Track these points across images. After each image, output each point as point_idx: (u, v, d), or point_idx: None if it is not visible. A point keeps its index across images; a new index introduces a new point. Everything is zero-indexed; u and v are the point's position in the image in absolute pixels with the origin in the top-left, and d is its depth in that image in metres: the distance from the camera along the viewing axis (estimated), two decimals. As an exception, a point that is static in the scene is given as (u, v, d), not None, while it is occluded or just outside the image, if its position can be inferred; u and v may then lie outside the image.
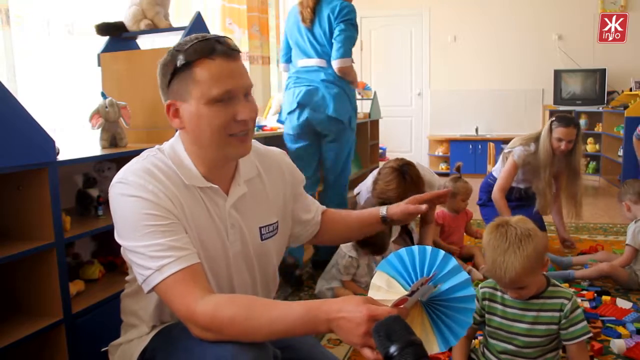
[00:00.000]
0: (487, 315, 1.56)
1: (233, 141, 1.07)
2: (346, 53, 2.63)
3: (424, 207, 1.30)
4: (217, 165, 1.12)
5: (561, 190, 3.13)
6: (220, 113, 1.04)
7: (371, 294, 0.96)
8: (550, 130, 2.92)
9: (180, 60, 1.04)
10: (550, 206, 3.09)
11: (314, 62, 2.71)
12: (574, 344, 1.46)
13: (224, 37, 1.08)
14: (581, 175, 3.06)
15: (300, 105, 2.69)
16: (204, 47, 1.03)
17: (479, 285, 1.61)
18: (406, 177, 2.35)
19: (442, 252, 0.97)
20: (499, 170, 3.20)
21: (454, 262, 0.97)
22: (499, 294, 1.54)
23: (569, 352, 1.49)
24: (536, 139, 3.02)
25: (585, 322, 1.45)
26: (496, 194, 3.08)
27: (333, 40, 2.64)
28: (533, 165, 3.00)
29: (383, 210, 1.35)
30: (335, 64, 2.64)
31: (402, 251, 0.98)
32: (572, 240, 3.19)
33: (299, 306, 0.93)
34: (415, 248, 0.97)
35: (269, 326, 0.94)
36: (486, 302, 1.56)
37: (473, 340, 1.75)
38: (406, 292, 0.91)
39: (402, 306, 0.90)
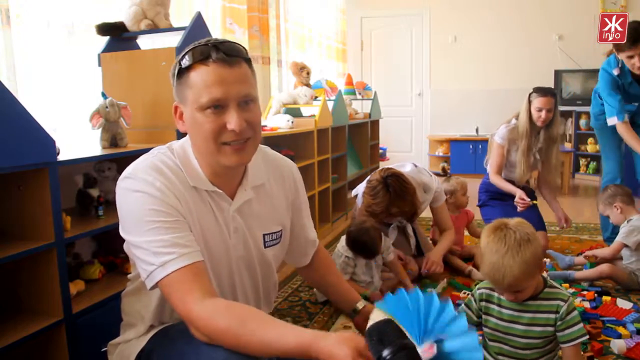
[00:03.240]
0: (483, 316, 1.56)
1: (226, 150, 1.06)
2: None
3: None
4: (219, 170, 1.12)
5: (544, 161, 3.16)
6: (211, 120, 1.03)
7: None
8: (529, 102, 3.02)
9: (181, 63, 1.05)
10: (526, 175, 3.12)
11: None
12: (570, 346, 1.45)
13: (228, 42, 1.06)
14: (559, 142, 3.12)
15: None
16: (201, 52, 1.03)
17: (477, 286, 1.60)
18: (390, 190, 2.36)
19: (450, 307, 0.88)
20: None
21: (464, 321, 0.87)
22: (495, 294, 1.53)
23: (564, 354, 1.48)
24: (517, 116, 3.12)
25: (581, 325, 1.45)
26: (492, 176, 3.16)
27: None
28: (516, 140, 3.09)
29: (360, 304, 1.36)
30: None
31: (405, 296, 0.91)
32: (568, 218, 3.20)
33: (292, 337, 0.91)
34: (421, 296, 0.89)
35: (261, 347, 0.94)
36: (483, 303, 1.55)
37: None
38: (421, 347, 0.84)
39: None
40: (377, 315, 0.93)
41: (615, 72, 2.99)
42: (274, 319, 0.99)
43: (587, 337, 1.44)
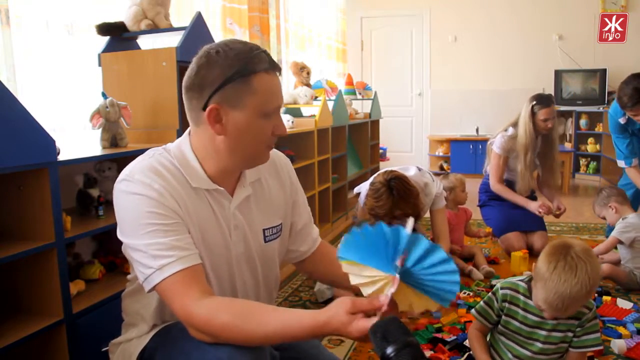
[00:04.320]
0: (504, 317, 1.52)
1: (265, 152, 1.13)
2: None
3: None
4: (231, 170, 1.13)
5: (544, 165, 3.22)
6: (268, 126, 1.08)
7: (354, 280, 0.93)
8: (533, 113, 3.05)
9: (242, 67, 1.02)
10: (528, 188, 3.20)
11: None
12: (578, 352, 1.45)
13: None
14: (557, 144, 3.21)
15: None
16: (264, 60, 1.05)
17: (499, 286, 1.55)
18: (393, 192, 2.36)
19: (425, 241, 0.87)
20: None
21: (441, 252, 0.87)
22: (521, 298, 1.49)
23: (568, 357, 1.48)
24: (514, 124, 3.15)
25: (599, 334, 1.44)
26: (494, 185, 3.21)
27: None
28: (515, 148, 3.13)
29: None
30: None
31: (369, 232, 0.88)
32: (563, 206, 3.26)
33: (295, 324, 0.94)
34: (385, 229, 0.87)
35: (265, 338, 0.95)
36: (506, 304, 1.51)
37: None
38: (395, 275, 0.86)
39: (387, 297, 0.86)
40: (346, 267, 0.94)
41: (622, 120, 3.01)
42: (274, 308, 0.99)
43: (601, 347, 1.43)
